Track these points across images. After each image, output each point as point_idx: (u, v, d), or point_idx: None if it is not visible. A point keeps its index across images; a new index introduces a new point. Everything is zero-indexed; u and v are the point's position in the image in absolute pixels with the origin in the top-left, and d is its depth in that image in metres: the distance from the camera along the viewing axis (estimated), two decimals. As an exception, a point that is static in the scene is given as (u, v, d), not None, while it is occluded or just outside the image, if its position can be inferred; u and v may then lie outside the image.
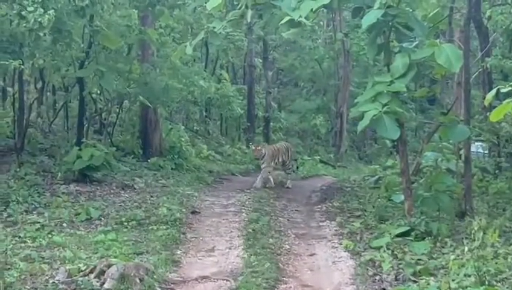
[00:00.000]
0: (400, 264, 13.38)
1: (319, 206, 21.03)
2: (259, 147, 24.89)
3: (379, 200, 19.97)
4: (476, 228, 13.01)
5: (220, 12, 18.79)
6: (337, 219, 18.29)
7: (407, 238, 14.92)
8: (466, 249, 12.76)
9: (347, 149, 39.02)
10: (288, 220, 18.81)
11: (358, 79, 39.58)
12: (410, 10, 16.57)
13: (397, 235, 15.06)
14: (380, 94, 15.38)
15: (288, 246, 15.42)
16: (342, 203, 20.98)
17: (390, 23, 15.78)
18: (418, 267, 12.89)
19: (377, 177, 24.83)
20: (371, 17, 15.26)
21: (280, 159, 24.94)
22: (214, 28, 17.73)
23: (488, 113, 19.03)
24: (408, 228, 15.33)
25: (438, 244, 14.51)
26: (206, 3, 18.60)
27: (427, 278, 12.28)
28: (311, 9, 15.65)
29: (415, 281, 12.29)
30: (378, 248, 14.52)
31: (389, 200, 19.45)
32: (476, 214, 16.03)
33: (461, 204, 16.70)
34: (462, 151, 17.80)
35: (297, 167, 27.70)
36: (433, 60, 15.19)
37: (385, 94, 15.32)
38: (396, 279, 12.66)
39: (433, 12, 19.01)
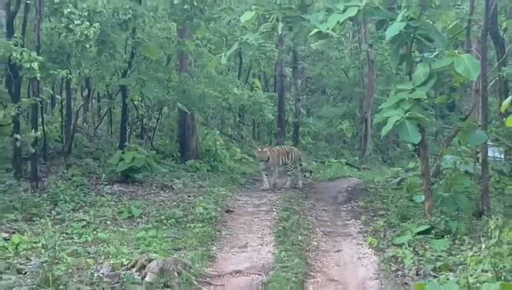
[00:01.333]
0: (421, 260, 13.34)
1: (345, 206, 20.97)
2: (265, 149, 24.77)
3: (401, 200, 19.87)
4: (492, 227, 12.91)
5: (253, 25, 18.89)
6: (361, 218, 18.23)
7: (428, 236, 14.88)
8: (483, 246, 12.70)
9: (371, 152, 38.72)
10: (316, 218, 18.78)
11: (381, 87, 39.34)
12: (431, 22, 16.54)
13: (418, 233, 15.01)
14: (403, 101, 15.35)
15: (316, 243, 15.40)
16: (366, 203, 20.89)
17: (412, 35, 15.75)
18: (438, 263, 12.85)
19: (399, 178, 24.68)
20: (394, 29, 15.26)
21: (281, 161, 24.82)
22: (247, 39, 17.80)
23: (504, 119, 18.90)
24: (428, 226, 15.28)
25: (457, 241, 14.45)
26: (240, 16, 18.72)
27: (447, 274, 12.25)
28: (338, 22, 15.66)
29: (435, 277, 12.24)
30: (401, 245, 14.48)
31: (411, 200, 19.34)
32: (493, 213, 15.87)
33: (479, 204, 16.58)
34: (479, 155, 17.69)
35: (311, 172, 27.37)
36: (452, 69, 15.12)
37: (407, 101, 15.29)
38: (417, 274, 12.63)
39: (452, 24, 18.95)
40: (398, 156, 39.32)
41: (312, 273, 12.77)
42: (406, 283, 12.13)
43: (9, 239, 14.07)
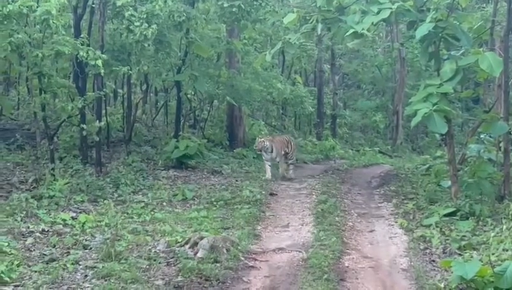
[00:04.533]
0: (447, 240, 13.29)
1: (378, 190, 20.85)
2: (263, 139, 22.70)
3: (429, 185, 19.72)
4: (513, 210, 12.83)
5: (295, 26, 18.83)
6: (393, 201, 18.15)
7: (454, 217, 14.81)
8: (504, 227, 12.63)
9: (402, 141, 38.43)
10: (351, 201, 18.70)
11: (412, 82, 38.96)
12: (458, 23, 16.34)
13: (445, 215, 14.94)
14: (431, 95, 15.29)
15: (351, 224, 15.36)
16: (397, 187, 20.77)
17: (440, 35, 15.65)
18: (463, 243, 12.80)
19: (427, 165, 24.51)
20: (424, 29, 15.16)
21: (283, 151, 22.86)
22: (290, 39, 17.80)
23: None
24: (454, 209, 15.19)
25: (480, 223, 14.36)
26: (283, 18, 18.70)
27: (471, 252, 12.18)
28: (372, 23, 15.63)
29: (460, 254, 12.20)
30: (429, 226, 14.43)
31: (438, 186, 19.23)
32: (514, 197, 15.77)
33: (500, 189, 16.42)
34: (501, 144, 17.52)
35: (296, 160, 25.79)
36: (477, 65, 15.03)
37: (435, 95, 15.22)
38: (444, 252, 12.58)
39: (477, 25, 18.75)
40: (426, 145, 38.97)
41: (347, 250, 12.76)
42: (433, 260, 12.08)
43: (76, 218, 14.26)
